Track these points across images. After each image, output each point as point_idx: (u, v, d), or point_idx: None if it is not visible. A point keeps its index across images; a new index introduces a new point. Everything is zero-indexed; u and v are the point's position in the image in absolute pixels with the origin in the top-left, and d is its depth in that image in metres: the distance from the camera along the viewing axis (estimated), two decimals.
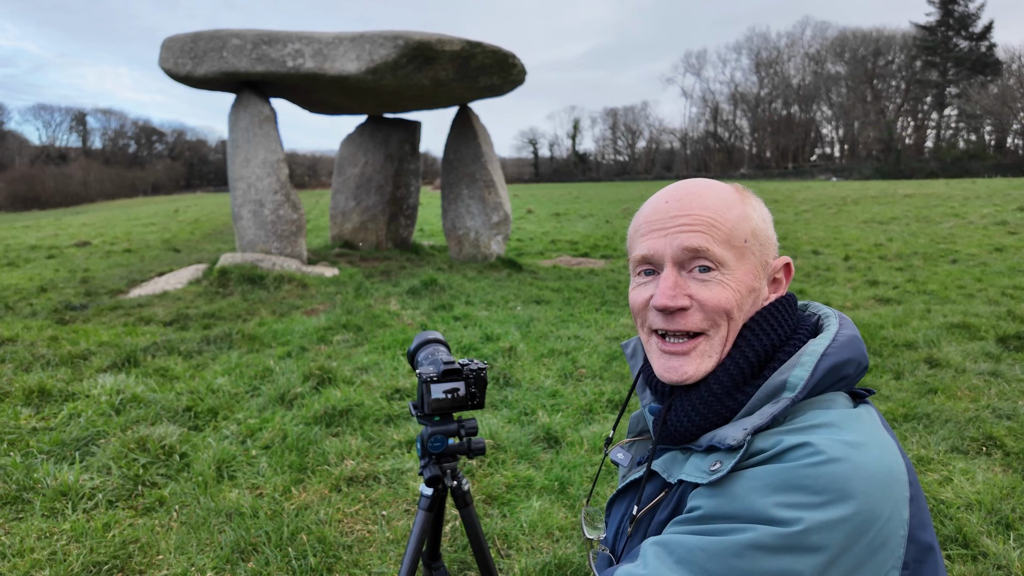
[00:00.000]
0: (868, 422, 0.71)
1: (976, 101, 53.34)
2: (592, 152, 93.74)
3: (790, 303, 0.84)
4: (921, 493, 0.69)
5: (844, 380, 0.75)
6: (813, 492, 0.62)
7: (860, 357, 0.77)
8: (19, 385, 3.59)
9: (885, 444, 0.69)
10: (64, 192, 54.00)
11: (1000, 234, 11.20)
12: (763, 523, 0.62)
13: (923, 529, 0.67)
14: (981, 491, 2.51)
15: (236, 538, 2.25)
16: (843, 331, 0.78)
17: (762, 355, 0.78)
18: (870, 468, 0.64)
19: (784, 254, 0.87)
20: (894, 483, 0.65)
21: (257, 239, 7.80)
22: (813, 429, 0.68)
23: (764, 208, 0.85)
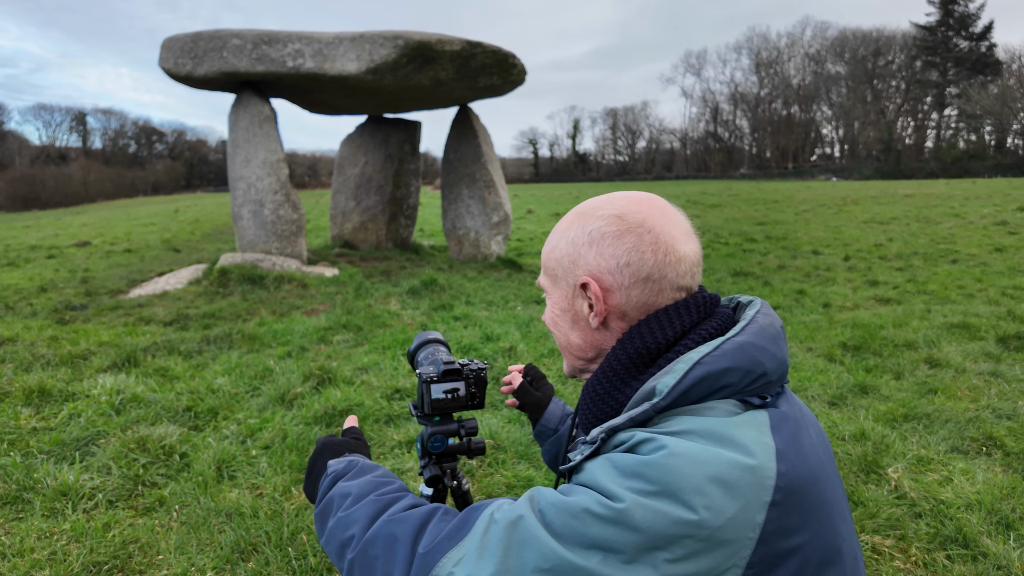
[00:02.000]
0: (741, 426, 0.71)
1: (976, 101, 53.33)
2: (592, 152, 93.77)
3: (687, 307, 0.83)
4: (806, 502, 0.70)
5: (727, 388, 0.75)
6: (647, 481, 0.66)
7: (749, 365, 0.75)
8: (19, 385, 3.59)
9: (751, 449, 0.69)
10: (64, 192, 54.00)
11: (1000, 234, 11.20)
12: (600, 494, 0.67)
13: (788, 536, 0.68)
14: (981, 491, 2.51)
15: (236, 538, 2.25)
16: (737, 338, 0.77)
17: (635, 357, 0.82)
18: (716, 469, 0.66)
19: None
20: (747, 487, 0.66)
21: (257, 239, 7.80)
22: (673, 434, 0.71)
23: (583, 231, 0.86)
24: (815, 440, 0.78)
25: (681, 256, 0.83)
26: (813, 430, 0.81)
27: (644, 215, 0.83)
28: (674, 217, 0.86)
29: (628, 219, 0.83)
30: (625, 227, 0.82)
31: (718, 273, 8.14)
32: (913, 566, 2.12)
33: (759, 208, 19.46)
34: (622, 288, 0.83)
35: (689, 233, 0.86)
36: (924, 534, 2.27)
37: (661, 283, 0.82)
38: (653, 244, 0.82)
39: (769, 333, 0.79)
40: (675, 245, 0.82)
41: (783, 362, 0.79)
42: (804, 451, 0.74)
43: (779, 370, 0.79)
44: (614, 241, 0.82)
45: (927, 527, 2.31)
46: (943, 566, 2.11)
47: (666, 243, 0.82)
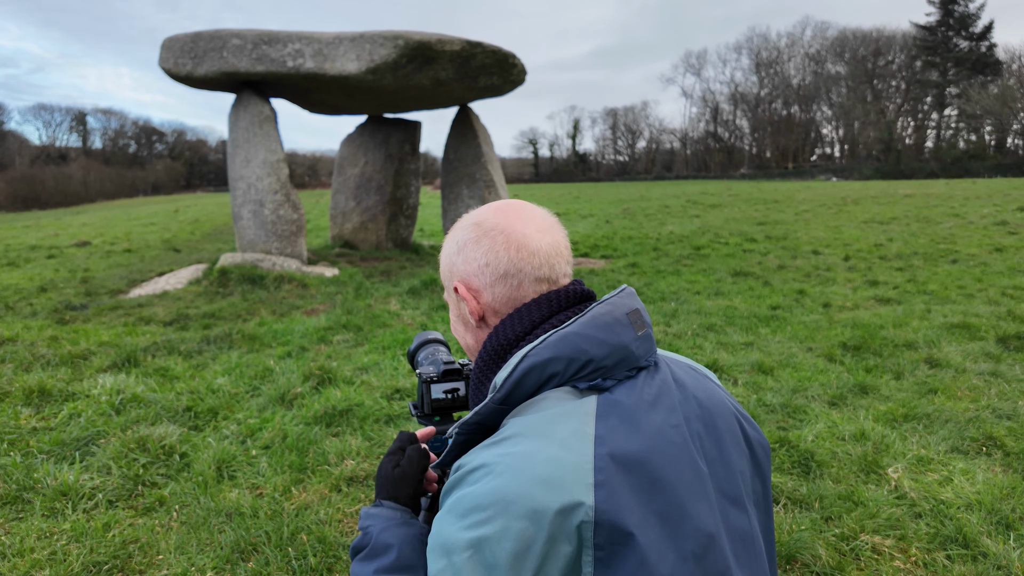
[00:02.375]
0: (565, 419, 0.76)
1: (976, 101, 53.34)
2: (592, 152, 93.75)
3: (538, 305, 0.89)
4: (639, 479, 0.73)
5: (556, 377, 0.80)
6: (483, 510, 0.70)
7: (572, 354, 0.80)
8: (19, 385, 3.59)
9: (566, 441, 0.73)
10: (64, 192, 54.00)
11: (1000, 234, 11.20)
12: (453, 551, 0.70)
13: (625, 512, 0.71)
14: (981, 491, 2.51)
15: (236, 538, 2.25)
16: (562, 330, 0.82)
17: (492, 353, 0.90)
18: (535, 471, 0.71)
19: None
20: (567, 475, 0.71)
21: (257, 239, 7.80)
22: (499, 443, 0.76)
23: (452, 242, 0.96)
24: (669, 420, 0.81)
25: (534, 250, 0.90)
26: (673, 412, 0.83)
27: (498, 220, 0.92)
28: (531, 216, 0.93)
29: (484, 225, 0.92)
30: (482, 232, 0.92)
31: (718, 273, 8.14)
32: (913, 566, 2.12)
33: (759, 208, 19.46)
34: (487, 287, 0.91)
35: (547, 228, 0.93)
36: (924, 534, 2.27)
37: (519, 276, 0.89)
38: (505, 243, 0.90)
39: (601, 321, 0.83)
40: (527, 242, 0.90)
41: (620, 347, 0.83)
42: (637, 431, 0.77)
43: (615, 355, 0.82)
44: (474, 246, 0.92)
45: (927, 527, 2.31)
46: (943, 566, 2.11)
47: (518, 241, 0.90)
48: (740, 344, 4.80)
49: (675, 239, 12.13)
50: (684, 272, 8.35)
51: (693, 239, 11.93)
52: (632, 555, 0.70)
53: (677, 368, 0.94)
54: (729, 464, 0.86)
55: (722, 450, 0.87)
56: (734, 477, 0.86)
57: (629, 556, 0.70)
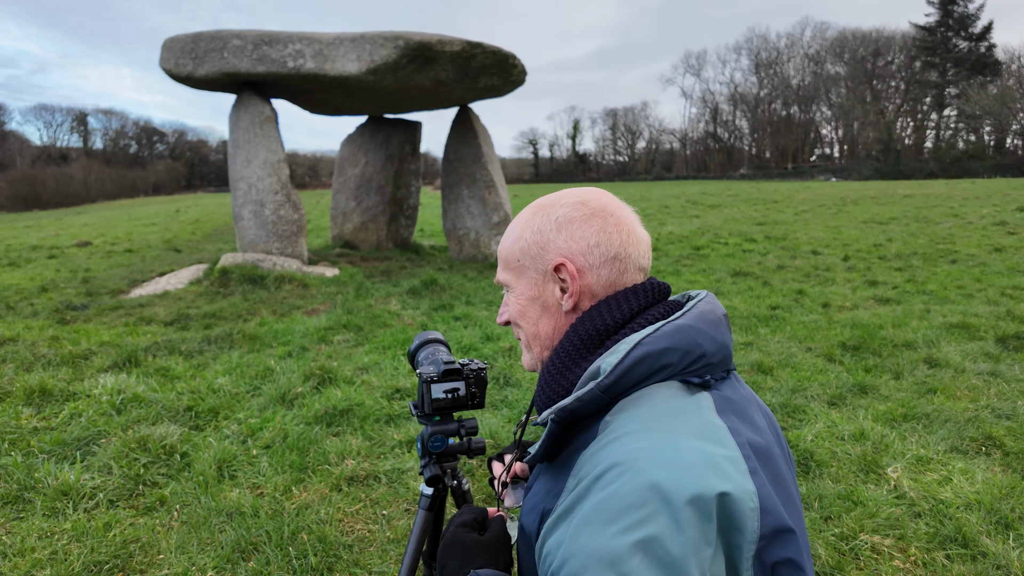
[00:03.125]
0: (687, 414, 0.73)
1: (975, 101, 53.34)
2: (592, 152, 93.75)
3: (636, 292, 0.87)
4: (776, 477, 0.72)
5: (667, 369, 0.77)
6: (636, 508, 0.63)
7: (687, 346, 0.78)
8: (20, 385, 3.60)
9: (701, 431, 0.70)
10: (65, 192, 54.01)
11: (999, 234, 11.21)
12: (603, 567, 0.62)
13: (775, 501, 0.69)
14: (980, 491, 2.52)
15: (237, 537, 2.26)
16: (677, 321, 0.80)
17: (586, 339, 0.85)
18: (685, 460, 0.66)
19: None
20: (719, 463, 0.66)
21: (258, 239, 7.81)
22: (620, 440, 0.70)
23: (548, 219, 0.90)
24: (763, 422, 0.81)
25: (640, 238, 0.89)
26: (761, 414, 0.83)
27: (604, 201, 0.90)
28: (626, 206, 0.93)
29: (591, 205, 0.89)
30: (590, 211, 0.88)
31: (718, 273, 8.14)
32: (912, 566, 2.13)
33: (758, 208, 19.47)
34: (593, 268, 0.87)
35: (639, 220, 0.93)
36: (923, 534, 2.28)
37: (626, 262, 0.87)
38: (617, 226, 0.88)
39: (709, 318, 0.83)
40: (634, 228, 0.89)
41: (724, 346, 0.82)
42: (752, 427, 0.76)
43: (720, 353, 0.81)
44: (583, 224, 0.88)
45: (926, 527, 2.32)
46: (942, 566, 2.11)
47: (627, 226, 0.89)
48: (740, 344, 4.80)
49: (675, 239, 12.13)
50: (684, 272, 8.35)
51: (693, 239, 11.93)
52: (789, 546, 0.68)
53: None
54: (793, 468, 0.86)
55: (788, 455, 0.87)
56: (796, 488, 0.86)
57: (785, 546, 0.68)
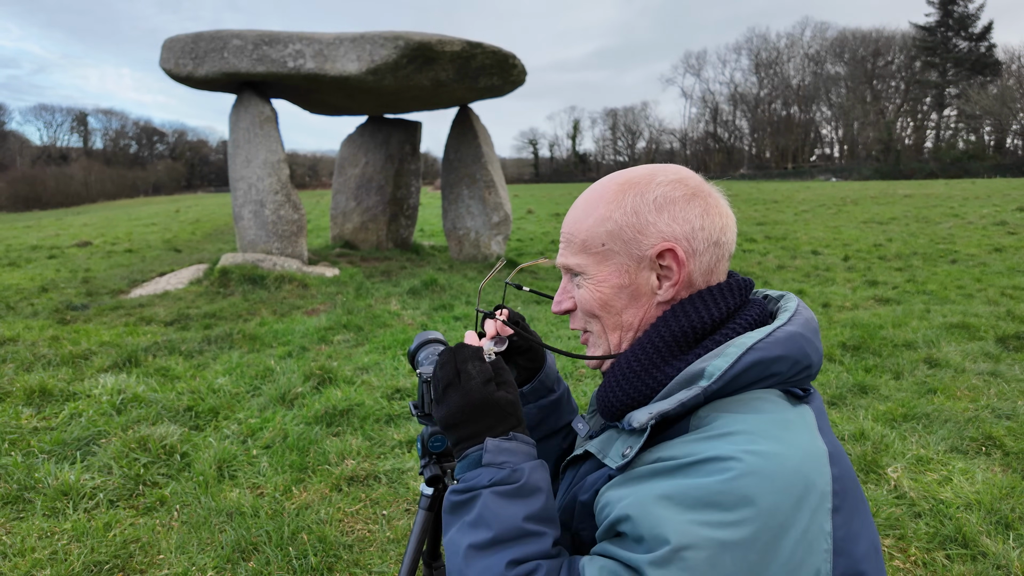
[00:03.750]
0: (795, 427, 0.68)
1: (975, 101, 53.33)
2: (592, 152, 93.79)
3: (731, 288, 0.81)
4: (857, 505, 0.68)
5: (774, 377, 0.72)
6: (724, 510, 0.60)
7: (798, 355, 0.73)
8: (20, 385, 3.60)
9: (808, 452, 0.66)
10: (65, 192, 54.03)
11: (999, 234, 11.20)
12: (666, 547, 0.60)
13: (855, 541, 0.66)
14: (980, 491, 2.52)
15: (237, 537, 2.26)
16: (787, 327, 0.74)
17: (680, 336, 0.78)
18: (784, 480, 0.62)
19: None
20: (813, 496, 0.63)
21: (258, 239, 7.81)
22: (726, 437, 0.66)
23: (645, 199, 0.80)
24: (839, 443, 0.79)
25: (733, 222, 0.83)
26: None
27: (698, 181, 0.83)
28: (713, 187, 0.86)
29: (690, 183, 0.81)
30: (690, 191, 0.80)
31: None
32: (913, 565, 2.13)
33: (759, 208, 19.47)
34: (697, 254, 0.79)
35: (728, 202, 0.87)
36: (923, 534, 2.28)
37: (724, 248, 0.81)
38: (717, 207, 0.81)
39: (812, 326, 0.78)
40: (728, 210, 0.83)
41: (819, 357, 0.78)
42: (840, 452, 0.71)
43: (818, 364, 0.77)
44: (686, 205, 0.79)
45: (926, 527, 2.32)
46: (942, 565, 2.11)
47: (724, 210, 0.82)
48: None
49: None
50: None
51: None
52: None
53: None
54: None
55: None
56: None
57: None
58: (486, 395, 0.80)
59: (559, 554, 0.74)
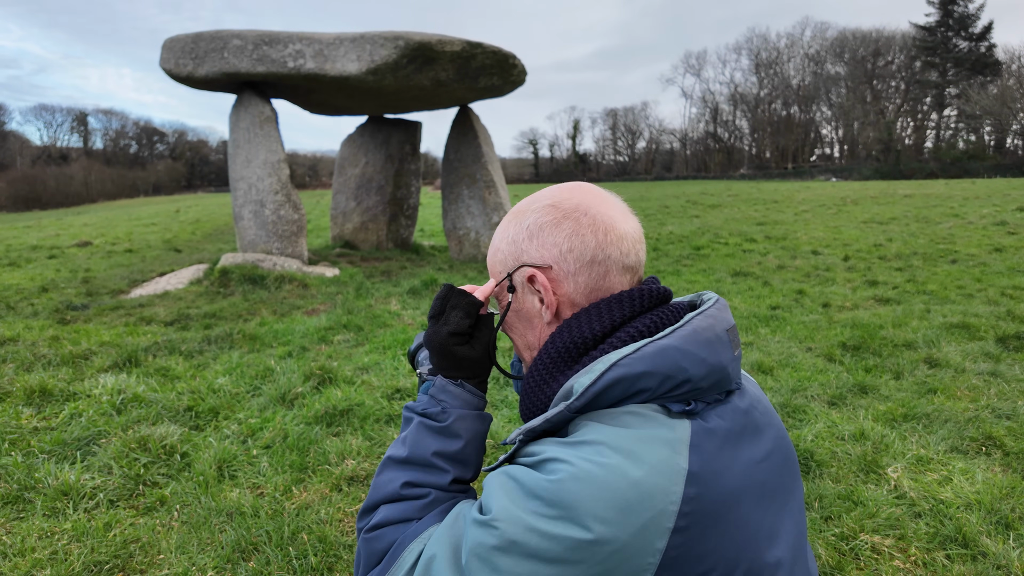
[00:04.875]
0: (655, 444, 0.68)
1: (976, 101, 53.32)
2: (592, 152, 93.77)
3: (619, 301, 0.80)
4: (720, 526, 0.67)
5: (645, 392, 0.72)
6: (546, 504, 0.65)
7: (669, 370, 0.71)
8: (20, 385, 3.60)
9: (658, 469, 0.66)
10: (65, 192, 54.04)
11: (1000, 234, 11.21)
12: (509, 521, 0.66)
13: (696, 562, 0.66)
14: (980, 491, 2.52)
15: (237, 537, 2.26)
16: (662, 341, 0.73)
17: (563, 353, 0.81)
18: (615, 493, 0.64)
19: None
20: (645, 510, 0.64)
21: (258, 239, 7.81)
22: (577, 445, 0.69)
23: (520, 228, 0.85)
24: (755, 455, 0.74)
25: (623, 234, 0.81)
26: (759, 443, 0.76)
27: (578, 200, 0.83)
28: (608, 198, 0.85)
29: (563, 206, 0.83)
30: (561, 214, 0.82)
31: (718, 273, 8.15)
32: (913, 566, 2.13)
33: (759, 208, 19.47)
34: (569, 275, 0.82)
35: (627, 211, 0.85)
36: (924, 534, 2.28)
37: (607, 264, 0.81)
38: (592, 225, 0.81)
39: (703, 337, 0.75)
40: (614, 224, 0.81)
41: (718, 368, 0.74)
42: (730, 469, 0.70)
43: (713, 376, 0.74)
44: (553, 230, 0.82)
45: (926, 527, 2.32)
46: (942, 566, 2.11)
47: (605, 223, 0.81)
48: (740, 344, 4.80)
49: (675, 239, 12.13)
50: (684, 272, 8.35)
51: (693, 239, 11.93)
52: None
53: (755, 389, 0.86)
54: (799, 497, 0.80)
55: (795, 481, 0.80)
56: (802, 513, 0.80)
57: None
58: (446, 345, 0.90)
59: (457, 492, 0.85)
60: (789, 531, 0.75)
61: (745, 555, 0.69)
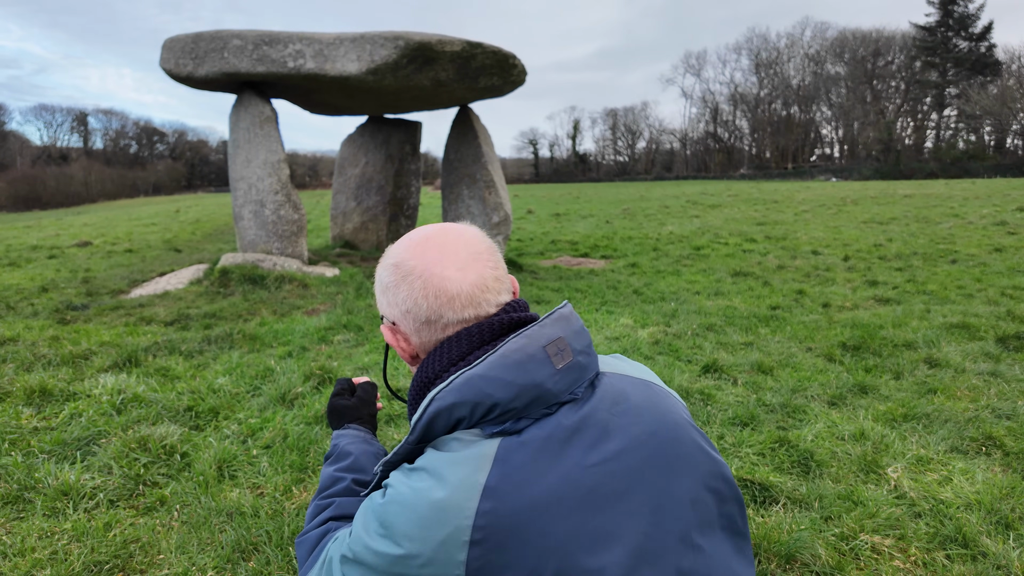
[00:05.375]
0: (462, 465, 0.74)
1: (976, 101, 53.30)
2: (592, 152, 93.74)
3: (459, 339, 0.85)
4: (522, 537, 0.70)
5: (465, 420, 0.78)
6: (379, 523, 0.75)
7: (476, 398, 0.76)
8: (20, 385, 3.60)
9: (459, 488, 0.72)
10: (65, 192, 54.05)
11: (999, 234, 11.20)
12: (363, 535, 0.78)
13: (499, 572, 0.70)
14: (980, 491, 2.52)
15: (237, 537, 2.26)
16: (467, 371, 0.78)
17: (418, 390, 0.90)
18: (419, 512, 0.72)
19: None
20: (444, 527, 0.70)
21: (258, 239, 7.81)
22: (411, 471, 0.78)
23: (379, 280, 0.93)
24: (588, 459, 0.75)
25: (455, 294, 0.85)
26: (600, 446, 0.77)
27: (415, 261, 0.87)
28: (452, 251, 0.87)
29: (402, 267, 0.88)
30: (400, 276, 0.88)
31: (718, 273, 8.15)
32: (912, 565, 2.13)
33: (759, 208, 19.47)
34: (412, 331, 0.89)
35: (469, 262, 0.86)
36: (923, 534, 2.28)
37: (441, 322, 0.86)
38: (423, 289, 0.85)
39: (512, 360, 0.78)
40: (446, 285, 0.85)
41: (529, 387, 0.77)
42: (541, 478, 0.72)
43: (523, 396, 0.76)
44: (395, 291, 0.89)
45: (926, 527, 2.32)
46: (942, 565, 2.11)
47: (436, 286, 0.85)
48: (740, 344, 4.80)
49: (675, 239, 12.13)
50: (684, 272, 8.36)
51: (693, 239, 11.93)
52: None
53: (628, 389, 0.86)
54: (674, 495, 0.79)
55: (665, 478, 0.79)
56: (679, 509, 0.78)
57: None
58: (332, 404, 1.24)
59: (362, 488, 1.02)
60: (630, 534, 0.74)
61: (549, 564, 0.70)
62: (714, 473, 0.85)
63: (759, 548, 2.16)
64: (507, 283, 0.90)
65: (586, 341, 0.85)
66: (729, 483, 0.86)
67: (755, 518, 2.37)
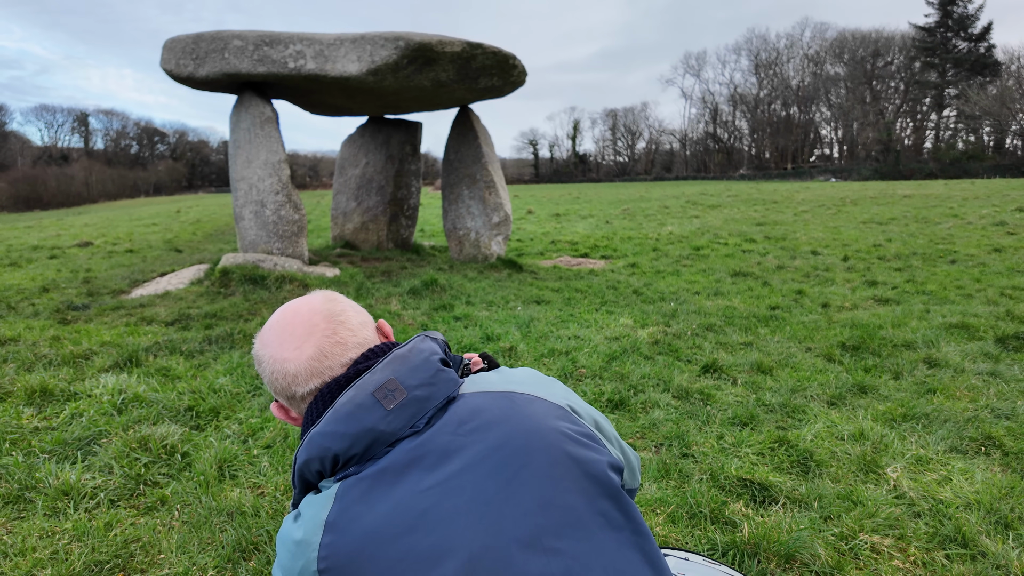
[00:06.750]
0: (314, 506, 0.85)
1: (975, 102, 53.31)
2: (592, 153, 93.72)
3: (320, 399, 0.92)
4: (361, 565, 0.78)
5: (323, 473, 0.89)
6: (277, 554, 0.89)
7: (319, 454, 0.87)
8: (21, 385, 3.60)
9: (309, 526, 0.83)
10: (66, 192, 54.05)
11: (999, 234, 11.21)
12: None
13: None
14: (980, 491, 2.52)
15: (238, 537, 2.26)
16: (313, 429, 0.88)
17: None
18: (287, 546, 0.85)
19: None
20: (299, 559, 0.82)
21: (259, 239, 7.81)
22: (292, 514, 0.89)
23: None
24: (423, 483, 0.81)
25: (294, 374, 0.93)
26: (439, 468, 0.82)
27: (263, 350, 0.98)
28: (289, 332, 0.95)
29: (256, 357, 1.00)
30: (257, 364, 1.00)
31: (718, 273, 8.15)
32: (912, 565, 2.13)
33: (758, 209, 19.47)
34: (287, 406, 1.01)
35: (304, 337, 0.94)
36: (923, 533, 2.28)
37: (296, 396, 0.95)
38: (271, 375, 0.96)
39: (342, 412, 0.87)
40: (285, 368, 0.94)
41: (361, 434, 0.85)
42: (372, 509, 0.81)
43: (359, 443, 0.85)
44: (259, 370, 1.00)
45: (926, 526, 2.32)
46: (942, 565, 2.12)
47: (279, 370, 0.95)
48: (739, 344, 4.81)
49: (674, 239, 12.14)
50: (683, 272, 8.36)
51: (692, 239, 11.94)
52: None
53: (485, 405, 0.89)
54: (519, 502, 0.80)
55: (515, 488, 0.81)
56: (524, 516, 0.79)
57: None
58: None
59: None
60: (464, 547, 0.77)
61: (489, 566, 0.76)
62: (582, 474, 0.85)
63: (759, 548, 2.16)
64: (359, 336, 0.96)
65: (426, 374, 0.89)
66: (599, 480, 0.86)
67: (754, 518, 2.38)
